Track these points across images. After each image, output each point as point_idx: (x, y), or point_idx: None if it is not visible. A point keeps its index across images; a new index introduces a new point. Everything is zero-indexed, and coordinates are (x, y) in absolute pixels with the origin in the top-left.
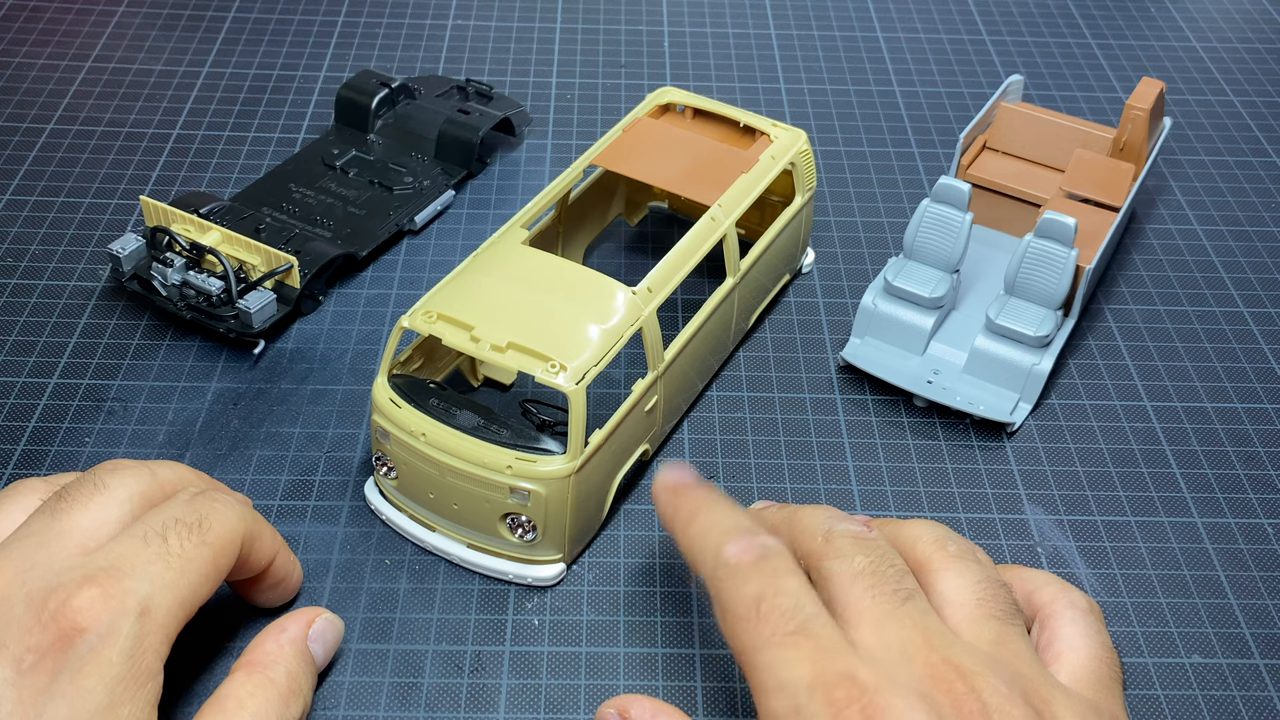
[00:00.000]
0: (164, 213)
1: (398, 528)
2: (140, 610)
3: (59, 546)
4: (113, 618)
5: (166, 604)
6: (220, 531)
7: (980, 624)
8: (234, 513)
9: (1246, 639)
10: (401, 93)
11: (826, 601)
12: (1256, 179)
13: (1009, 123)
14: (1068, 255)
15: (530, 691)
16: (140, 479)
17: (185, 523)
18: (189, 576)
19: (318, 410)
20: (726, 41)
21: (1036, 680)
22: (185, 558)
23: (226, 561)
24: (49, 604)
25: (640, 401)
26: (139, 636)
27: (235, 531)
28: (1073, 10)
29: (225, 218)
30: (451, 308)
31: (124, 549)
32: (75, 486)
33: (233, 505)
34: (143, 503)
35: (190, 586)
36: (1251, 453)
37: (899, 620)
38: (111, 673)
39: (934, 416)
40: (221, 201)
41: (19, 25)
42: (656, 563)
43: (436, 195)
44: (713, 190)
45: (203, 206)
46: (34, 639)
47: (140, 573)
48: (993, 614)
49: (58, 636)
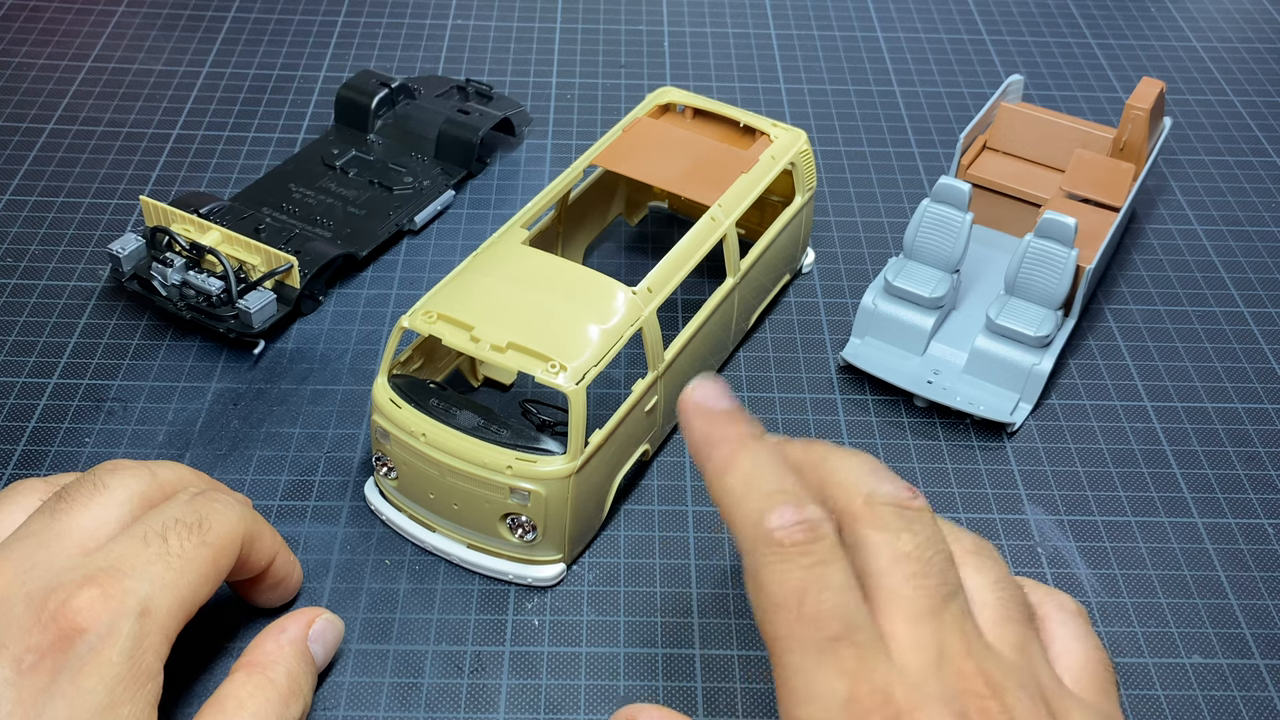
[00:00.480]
0: (164, 213)
1: (398, 528)
2: (140, 610)
3: (59, 547)
4: (113, 618)
5: (166, 604)
6: (220, 532)
7: (1004, 626)
8: (234, 513)
9: (1247, 639)
10: (401, 93)
11: (859, 568)
12: (1256, 179)
13: (1009, 123)
14: (1068, 255)
15: (530, 692)
16: (140, 479)
17: (185, 523)
18: (189, 577)
19: (318, 410)
20: (726, 41)
21: (1056, 690)
22: (185, 558)
23: (226, 562)
24: (49, 604)
25: (640, 401)
26: (139, 637)
27: (235, 532)
28: (1073, 10)
29: (225, 218)
30: (451, 308)
31: (124, 549)
32: (75, 487)
33: (232, 505)
34: (142, 503)
35: (190, 587)
36: (1252, 453)
37: (940, 620)
38: (111, 673)
39: (934, 416)
40: (221, 201)
41: (19, 25)
42: (656, 563)
43: (436, 195)
44: (713, 190)
45: (203, 206)
46: (34, 639)
47: (140, 573)
48: (1014, 616)
49: (58, 637)
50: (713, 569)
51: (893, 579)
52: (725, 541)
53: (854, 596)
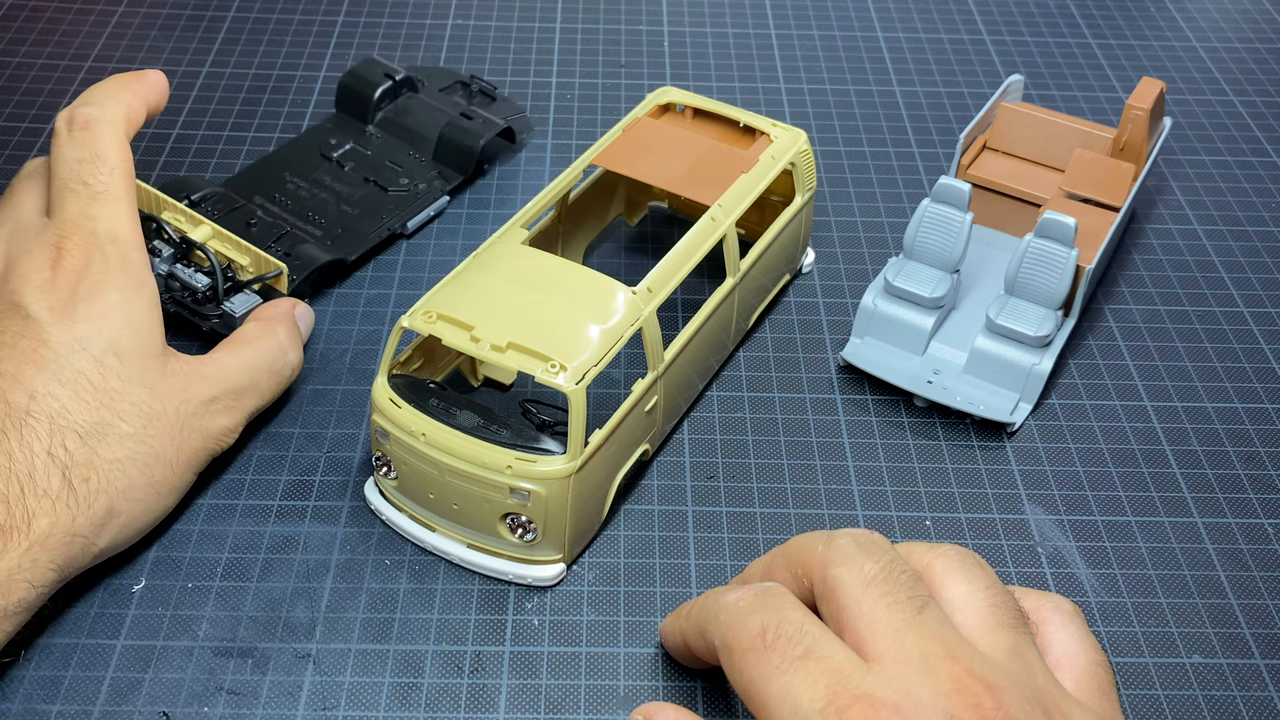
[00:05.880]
0: (155, 198)
1: (398, 528)
2: (111, 239)
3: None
4: (94, 252)
5: (124, 223)
6: (104, 127)
7: (995, 632)
8: (101, 104)
9: (1247, 639)
10: (405, 85)
11: (835, 613)
12: (1256, 179)
13: (1009, 123)
14: (1068, 255)
15: (530, 692)
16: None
17: (83, 159)
18: (119, 185)
19: (318, 410)
20: (726, 41)
21: (1054, 694)
22: (105, 184)
23: (132, 128)
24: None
25: (640, 401)
26: (122, 253)
27: (115, 121)
28: (1073, 10)
29: (217, 206)
30: (451, 308)
31: (68, 207)
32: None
33: (98, 99)
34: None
35: (126, 191)
36: (1252, 453)
37: (917, 630)
38: (115, 282)
39: (934, 416)
40: (214, 187)
41: (19, 25)
42: (656, 563)
43: (431, 201)
44: (713, 190)
45: (194, 192)
46: (47, 276)
47: (90, 216)
48: (1006, 622)
49: (67, 279)
50: (713, 569)
51: (865, 603)
52: (725, 541)
53: (815, 623)
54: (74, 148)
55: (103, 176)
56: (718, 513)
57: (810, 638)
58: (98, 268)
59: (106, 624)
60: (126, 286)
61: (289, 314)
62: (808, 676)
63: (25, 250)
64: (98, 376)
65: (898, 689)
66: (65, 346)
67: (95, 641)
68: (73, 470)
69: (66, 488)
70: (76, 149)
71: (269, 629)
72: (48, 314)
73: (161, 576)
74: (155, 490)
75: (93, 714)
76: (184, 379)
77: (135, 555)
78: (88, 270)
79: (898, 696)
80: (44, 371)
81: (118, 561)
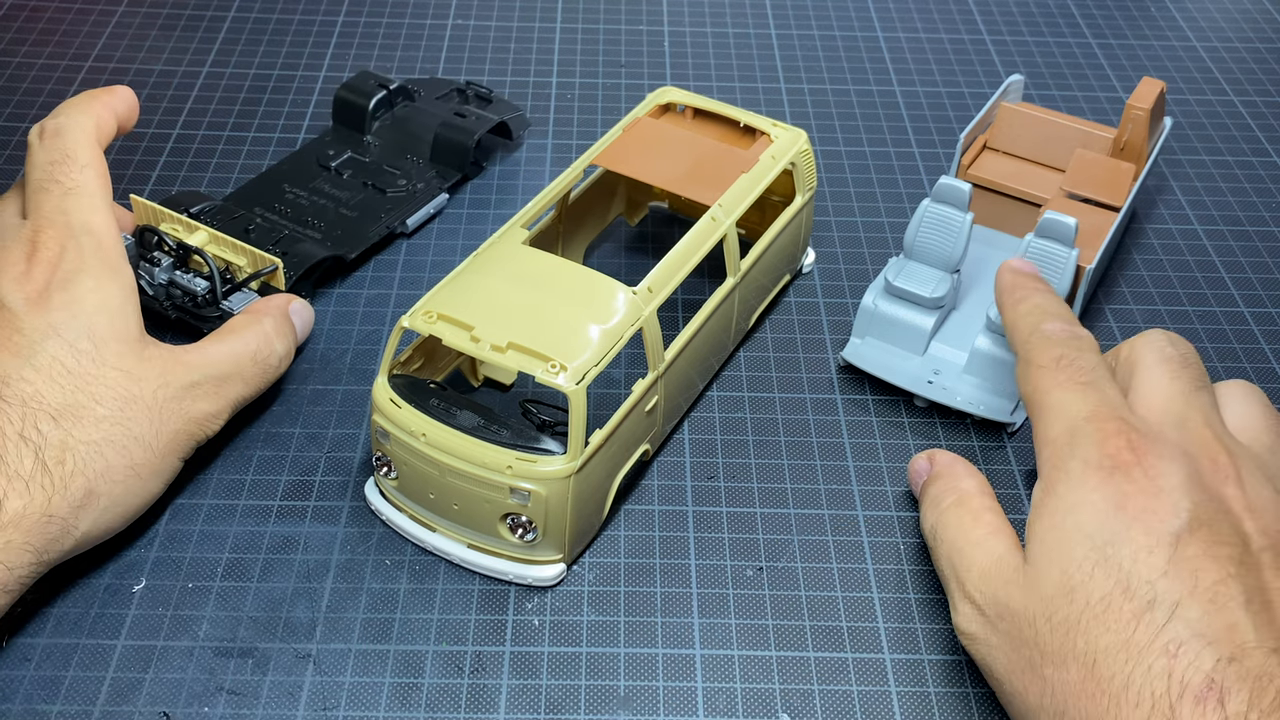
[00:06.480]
0: (153, 212)
1: (398, 528)
2: (85, 230)
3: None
4: (69, 243)
5: (97, 215)
6: (72, 133)
7: (1260, 434)
8: (72, 114)
9: None
10: (400, 94)
11: (1128, 377)
12: (1257, 179)
13: (1009, 123)
14: (1068, 255)
15: (530, 692)
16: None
17: (57, 161)
18: (93, 181)
19: (318, 410)
20: (726, 41)
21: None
22: (78, 180)
23: (104, 135)
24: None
25: (640, 401)
26: (96, 243)
27: (84, 127)
28: (1073, 10)
29: (216, 218)
30: (452, 308)
31: (43, 205)
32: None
33: (68, 112)
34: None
35: (100, 183)
36: None
37: (1186, 401)
38: (90, 270)
39: (934, 416)
40: (213, 201)
41: (19, 25)
42: (657, 563)
43: (429, 198)
44: (713, 190)
45: (194, 206)
46: (25, 270)
47: (65, 211)
48: (1271, 443)
49: (43, 270)
50: (713, 569)
51: (1154, 372)
52: (725, 541)
53: (1107, 372)
54: (45, 153)
55: (74, 174)
56: (718, 513)
57: (1097, 374)
58: (72, 257)
59: (107, 624)
60: (101, 274)
61: (280, 308)
62: (1083, 396)
63: (2, 248)
64: (72, 361)
65: (1152, 427)
66: (39, 333)
67: (95, 642)
68: (46, 451)
69: (40, 469)
70: (48, 153)
71: (269, 629)
72: (23, 303)
73: (162, 577)
74: (136, 473)
75: (93, 714)
76: (162, 363)
77: (135, 555)
78: (62, 260)
79: (1150, 428)
80: (17, 358)
81: (118, 562)
